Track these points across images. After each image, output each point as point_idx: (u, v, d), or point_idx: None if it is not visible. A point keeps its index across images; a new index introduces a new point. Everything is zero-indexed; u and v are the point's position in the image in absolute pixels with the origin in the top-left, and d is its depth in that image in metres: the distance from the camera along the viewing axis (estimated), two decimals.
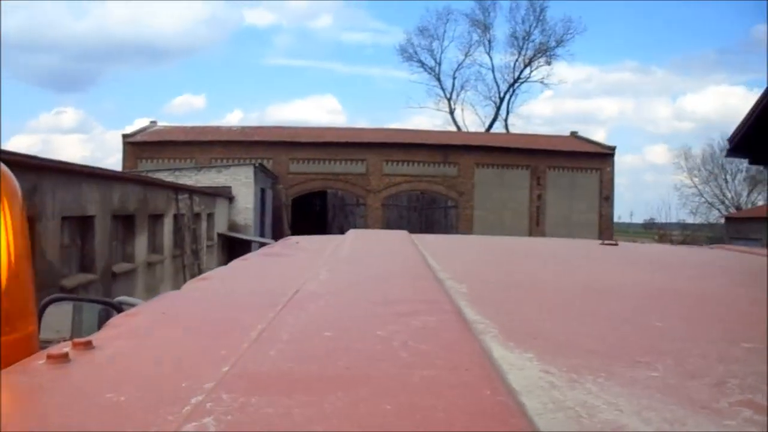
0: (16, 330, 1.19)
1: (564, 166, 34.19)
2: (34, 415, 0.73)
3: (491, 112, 51.71)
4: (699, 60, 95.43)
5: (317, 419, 0.65)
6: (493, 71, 52.13)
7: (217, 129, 35.41)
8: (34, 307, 1.35)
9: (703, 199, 47.07)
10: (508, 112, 51.52)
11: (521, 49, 50.23)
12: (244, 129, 35.88)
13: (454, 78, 51.84)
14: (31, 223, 6.00)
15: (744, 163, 46.51)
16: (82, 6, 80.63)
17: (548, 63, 50.69)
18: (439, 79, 51.79)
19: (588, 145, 35.66)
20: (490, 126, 49.61)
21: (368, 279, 1.66)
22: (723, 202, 46.82)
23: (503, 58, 71.60)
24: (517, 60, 50.65)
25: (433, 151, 33.44)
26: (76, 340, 0.97)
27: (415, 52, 51.52)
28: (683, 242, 43.63)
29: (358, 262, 2.05)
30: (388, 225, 32.60)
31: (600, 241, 3.22)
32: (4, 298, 1.17)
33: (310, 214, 33.39)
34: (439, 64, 51.88)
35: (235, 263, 2.11)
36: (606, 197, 34.54)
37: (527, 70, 51.02)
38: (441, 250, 2.46)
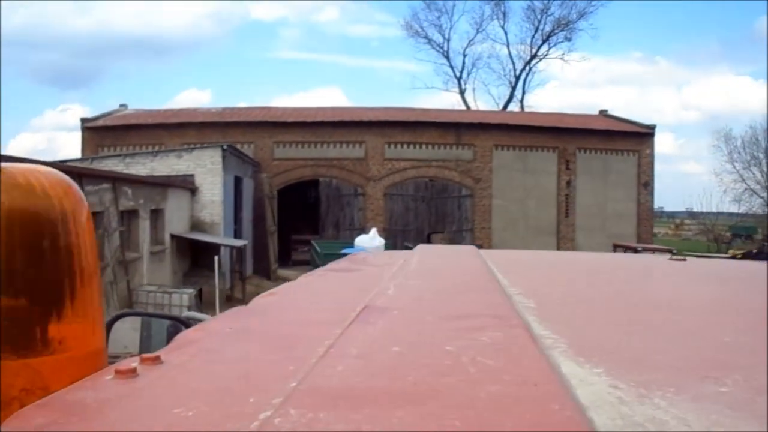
0: (85, 345, 1.21)
1: (597, 147, 29.51)
2: (102, 429, 0.74)
3: (506, 92, 47.51)
4: (704, 51, 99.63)
5: None
6: (508, 47, 47.76)
7: (193, 111, 30.96)
8: (103, 322, 1.34)
9: (745, 186, 42.94)
10: (524, 93, 47.29)
11: (539, 22, 45.84)
12: (223, 110, 31.45)
13: (464, 55, 47.53)
14: None
15: None
16: (86, 2, 79.94)
17: (568, 39, 46.33)
18: (447, 57, 47.49)
19: (623, 125, 30.93)
20: (505, 107, 45.22)
21: (436, 294, 1.66)
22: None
23: (519, 34, 68.42)
24: (534, 35, 46.30)
25: (444, 131, 28.80)
26: (145, 355, 0.98)
27: (422, 28, 47.10)
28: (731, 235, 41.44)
29: (427, 277, 2.03)
30: (391, 218, 28.25)
31: (669, 256, 3.18)
32: (72, 314, 1.20)
33: (300, 207, 28.84)
34: (448, 40, 47.50)
35: (303, 279, 2.08)
36: (645, 183, 29.79)
37: (545, 47, 46.68)
38: (509, 265, 2.46)
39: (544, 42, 46.31)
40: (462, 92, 47.23)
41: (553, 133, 29.18)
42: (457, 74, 47.32)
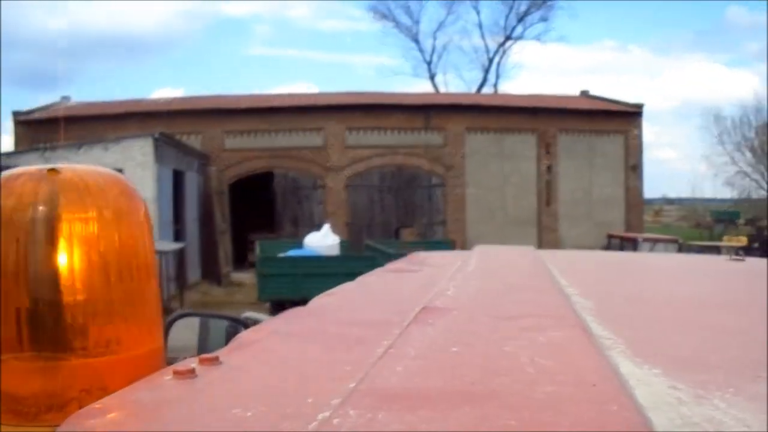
0: (143, 345, 1.22)
1: (580, 129, 26.91)
2: (161, 429, 0.74)
3: (478, 76, 45.16)
4: (678, 40, 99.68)
5: None
6: (480, 28, 45.38)
7: (136, 102, 28.28)
8: (161, 322, 1.36)
9: (737, 168, 41.14)
10: (497, 77, 45.00)
11: (513, 1, 43.43)
12: (172, 100, 29.07)
13: (435, 38, 45.07)
14: None
15: None
16: (56, 1, 79.20)
17: (544, 19, 43.99)
18: (417, 41, 44.95)
19: (607, 104, 28.42)
20: (478, 92, 42.54)
21: (495, 294, 1.67)
22: (762, 173, 40.86)
23: (492, 14, 66.89)
24: (508, 15, 43.83)
25: (412, 114, 26.12)
26: (203, 355, 0.99)
27: (389, 9, 44.48)
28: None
29: (485, 278, 2.06)
30: (355, 212, 25.62)
31: (727, 257, 3.06)
32: (130, 313, 1.22)
33: (257, 203, 26.14)
34: (417, 23, 44.91)
35: (361, 279, 2.09)
36: (633, 167, 27.26)
37: (520, 28, 44.27)
38: (567, 266, 2.46)
39: (519, 22, 44.04)
40: (432, 77, 45.04)
41: (531, 115, 26.61)
42: (427, 59, 45.10)
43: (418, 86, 46.94)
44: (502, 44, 44.38)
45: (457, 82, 51.71)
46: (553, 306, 1.40)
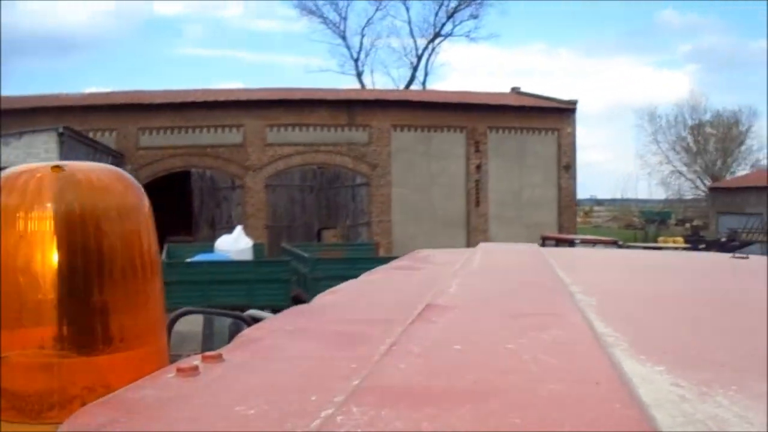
0: (147, 343, 1.23)
1: (511, 126, 25.98)
2: (164, 428, 0.75)
3: (407, 74, 44.85)
4: (606, 43, 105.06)
5: None
6: (409, 24, 46.06)
7: (46, 96, 26.60)
8: (164, 320, 1.37)
9: (672, 168, 41.03)
10: (426, 74, 44.77)
11: None
12: (87, 95, 27.55)
13: (362, 35, 44.79)
14: None
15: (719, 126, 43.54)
16: None
17: (474, 16, 43.93)
18: (344, 37, 44.76)
19: (539, 101, 27.53)
20: (406, 89, 41.91)
21: (498, 292, 1.67)
22: (696, 172, 40.78)
23: (422, 11, 67.13)
24: (437, 11, 43.71)
25: (335, 110, 24.89)
26: (206, 353, 0.99)
27: (317, 6, 44.16)
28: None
29: (488, 275, 2.06)
30: (275, 212, 24.34)
31: (730, 255, 3.11)
32: (134, 311, 1.23)
33: (171, 203, 24.60)
34: (345, 19, 44.66)
35: (364, 277, 2.10)
36: (566, 166, 26.43)
37: (449, 24, 44.16)
38: (571, 263, 2.47)
39: (448, 19, 43.94)
40: (359, 75, 44.60)
41: (460, 111, 25.59)
42: (354, 55, 44.71)
43: (344, 84, 46.60)
44: (431, 41, 44.24)
45: (384, 80, 50.34)
46: (557, 304, 1.41)
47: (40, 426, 1.08)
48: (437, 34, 44.00)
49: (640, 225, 40.49)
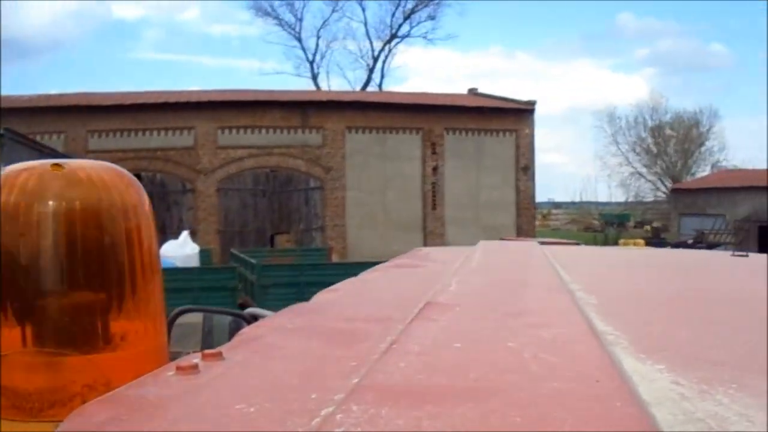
0: (147, 341, 1.24)
1: (468, 127, 25.58)
2: (164, 425, 0.75)
3: (363, 76, 44.51)
4: (564, 46, 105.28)
5: (447, 431, 0.68)
6: (365, 25, 45.51)
7: None
8: (164, 318, 1.37)
9: (633, 169, 41.03)
10: (383, 76, 44.42)
11: None
12: (37, 97, 26.41)
13: (318, 36, 44.26)
14: None
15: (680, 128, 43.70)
16: None
17: (431, 17, 43.57)
18: (299, 39, 44.10)
19: (497, 101, 27.18)
20: (362, 91, 41.23)
21: (498, 290, 1.68)
22: (657, 174, 40.79)
23: (378, 11, 66.79)
24: (394, 12, 43.33)
25: (288, 112, 24.35)
26: (206, 351, 0.99)
27: (272, 7, 43.59)
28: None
29: (488, 273, 2.07)
30: (227, 217, 23.81)
31: (730, 253, 3.05)
32: (134, 309, 1.24)
33: None
34: (301, 20, 44.15)
35: (365, 275, 2.08)
36: (525, 168, 26.11)
37: (406, 26, 43.82)
38: (571, 261, 2.43)
39: (405, 20, 43.58)
40: (315, 77, 44.06)
41: (416, 112, 25.16)
42: (310, 57, 44.14)
43: (300, 87, 46.11)
44: (388, 42, 43.91)
45: (341, 83, 50.47)
46: (557, 302, 1.41)
47: (41, 424, 1.08)
48: (394, 36, 43.74)
49: (600, 227, 40.52)
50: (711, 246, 24.96)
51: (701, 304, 1.61)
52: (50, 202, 1.15)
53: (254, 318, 2.06)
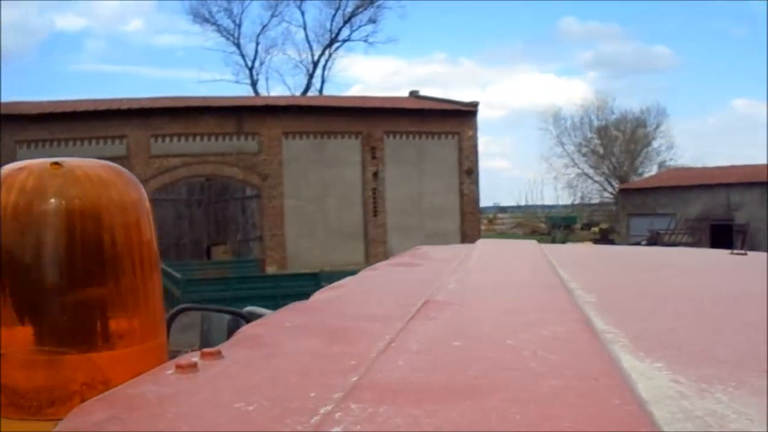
0: (146, 339, 1.24)
1: (409, 131, 25.14)
2: (163, 424, 0.75)
3: (303, 82, 44.35)
4: (507, 51, 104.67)
5: (446, 429, 0.68)
6: (305, 30, 44.50)
7: None
8: (164, 316, 1.38)
9: (579, 170, 40.98)
10: (323, 82, 44.24)
11: (340, 2, 42.66)
12: None
13: (257, 42, 43.93)
14: None
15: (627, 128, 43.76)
16: None
17: (372, 21, 43.44)
18: (238, 45, 43.76)
19: (439, 103, 26.83)
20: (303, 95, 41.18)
21: (497, 288, 1.67)
22: (603, 174, 40.77)
23: (318, 16, 66.53)
24: (334, 16, 43.14)
25: (223, 118, 23.69)
26: (205, 350, 0.99)
27: (210, 13, 42.89)
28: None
29: (487, 271, 2.07)
30: (161, 229, 22.75)
31: (729, 251, 2.98)
32: (133, 307, 1.24)
33: None
34: (239, 26, 43.72)
35: (364, 273, 2.10)
36: (468, 171, 25.75)
37: (346, 29, 43.65)
38: (570, 260, 2.48)
39: (345, 23, 43.35)
40: (254, 84, 43.73)
41: (355, 116, 24.64)
42: (249, 64, 43.80)
43: (238, 94, 44.31)
44: (328, 46, 43.55)
45: (281, 89, 48.96)
46: (556, 300, 1.41)
47: (40, 422, 1.07)
48: (334, 40, 43.44)
49: (546, 230, 40.48)
50: (668, 246, 24.86)
51: (700, 303, 1.59)
52: (50, 200, 1.14)
53: (253, 316, 2.06)
